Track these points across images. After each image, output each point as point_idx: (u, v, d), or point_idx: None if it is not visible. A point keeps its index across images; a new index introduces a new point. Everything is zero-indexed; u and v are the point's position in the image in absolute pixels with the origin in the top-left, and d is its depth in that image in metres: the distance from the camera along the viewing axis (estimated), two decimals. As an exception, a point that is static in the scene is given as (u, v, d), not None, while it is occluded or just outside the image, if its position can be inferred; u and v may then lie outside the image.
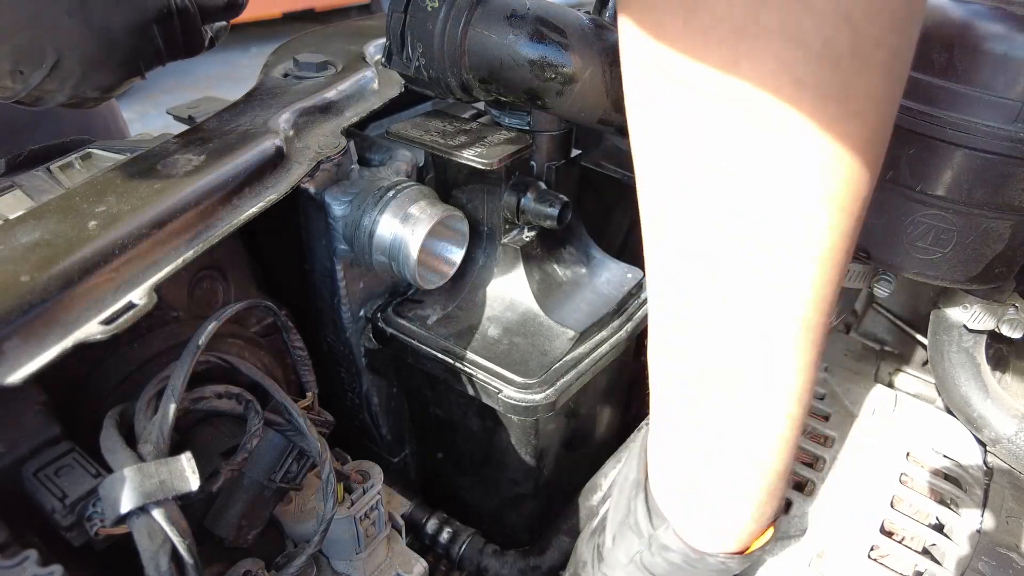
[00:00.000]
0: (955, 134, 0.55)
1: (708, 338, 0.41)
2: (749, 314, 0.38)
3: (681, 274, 0.40)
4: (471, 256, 0.70)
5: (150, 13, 0.55)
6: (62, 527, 0.38)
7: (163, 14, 0.56)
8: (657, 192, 0.39)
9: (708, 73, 0.33)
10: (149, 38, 0.56)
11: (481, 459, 0.76)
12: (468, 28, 0.55)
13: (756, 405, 0.42)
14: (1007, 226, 0.58)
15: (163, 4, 0.56)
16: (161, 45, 0.57)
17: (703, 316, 0.40)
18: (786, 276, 0.37)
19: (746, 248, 0.36)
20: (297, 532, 0.56)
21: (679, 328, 0.43)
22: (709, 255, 0.38)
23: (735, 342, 0.40)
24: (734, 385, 0.42)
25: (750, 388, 0.41)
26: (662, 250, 0.41)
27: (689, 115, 0.35)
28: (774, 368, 0.40)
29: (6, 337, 0.37)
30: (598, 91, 0.56)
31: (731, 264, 0.37)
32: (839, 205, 0.35)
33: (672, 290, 0.41)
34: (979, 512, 0.63)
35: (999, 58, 0.53)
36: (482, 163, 0.61)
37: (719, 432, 0.44)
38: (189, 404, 0.45)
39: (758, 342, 0.39)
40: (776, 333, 0.39)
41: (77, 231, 0.44)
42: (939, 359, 0.72)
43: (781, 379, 0.41)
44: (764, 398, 0.42)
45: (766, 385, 0.41)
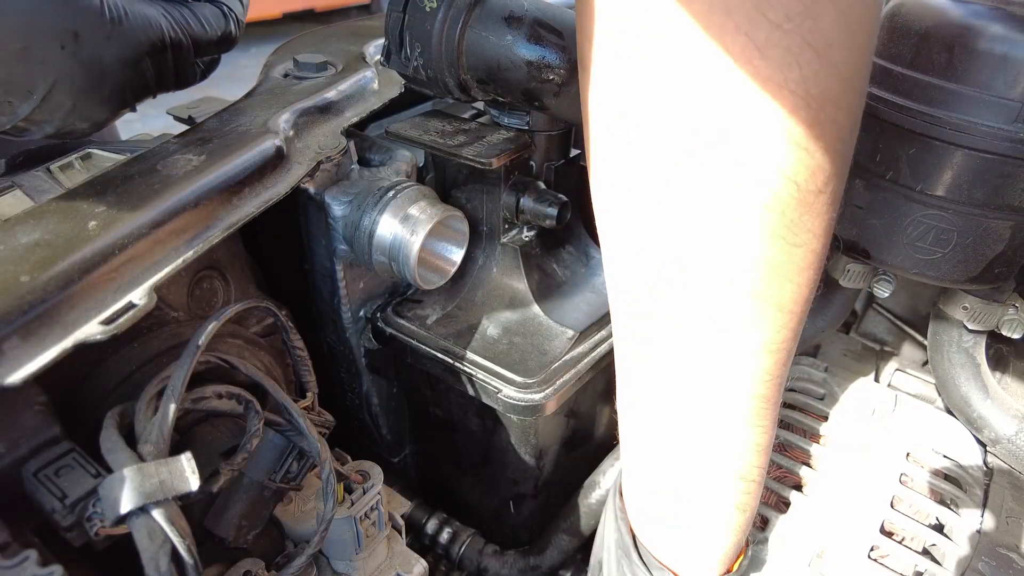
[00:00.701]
0: (955, 134, 0.55)
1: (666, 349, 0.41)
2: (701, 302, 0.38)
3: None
4: (470, 256, 0.70)
5: (143, 47, 0.54)
6: (62, 527, 0.38)
7: (156, 47, 0.55)
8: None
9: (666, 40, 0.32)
10: (141, 71, 0.55)
11: (481, 459, 0.76)
12: (466, 29, 0.55)
13: (720, 418, 0.42)
14: (1007, 226, 0.58)
15: (156, 37, 0.55)
16: (152, 78, 0.56)
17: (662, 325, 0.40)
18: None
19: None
20: (297, 532, 0.56)
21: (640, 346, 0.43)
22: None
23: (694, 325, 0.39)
24: (694, 381, 0.41)
25: (710, 390, 0.41)
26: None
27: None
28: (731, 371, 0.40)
29: (6, 337, 0.37)
30: (598, 91, 0.56)
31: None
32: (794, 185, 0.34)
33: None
34: (979, 512, 0.63)
35: (999, 58, 0.53)
36: (481, 163, 0.61)
37: (691, 444, 0.44)
38: (189, 404, 0.45)
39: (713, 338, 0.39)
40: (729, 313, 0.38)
41: (77, 231, 0.44)
42: (939, 359, 0.72)
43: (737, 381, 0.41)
44: (725, 406, 0.41)
45: (723, 395, 0.41)
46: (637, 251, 0.39)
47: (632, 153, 0.36)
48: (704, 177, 0.33)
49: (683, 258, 0.36)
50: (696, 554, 0.50)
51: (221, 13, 0.62)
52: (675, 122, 0.33)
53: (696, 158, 0.33)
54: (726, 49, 0.30)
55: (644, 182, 0.36)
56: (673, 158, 0.34)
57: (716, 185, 0.33)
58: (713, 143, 0.32)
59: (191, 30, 0.59)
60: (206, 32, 0.60)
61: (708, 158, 0.33)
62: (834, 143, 0.33)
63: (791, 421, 0.71)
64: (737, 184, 0.33)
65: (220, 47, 0.63)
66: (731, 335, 0.38)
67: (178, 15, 0.58)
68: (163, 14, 0.56)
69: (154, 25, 0.55)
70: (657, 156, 0.34)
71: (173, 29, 0.57)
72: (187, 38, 0.58)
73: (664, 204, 0.36)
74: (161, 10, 0.57)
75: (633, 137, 0.35)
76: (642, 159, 0.35)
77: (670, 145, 0.34)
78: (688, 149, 0.33)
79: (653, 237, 0.37)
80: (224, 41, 0.63)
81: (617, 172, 0.37)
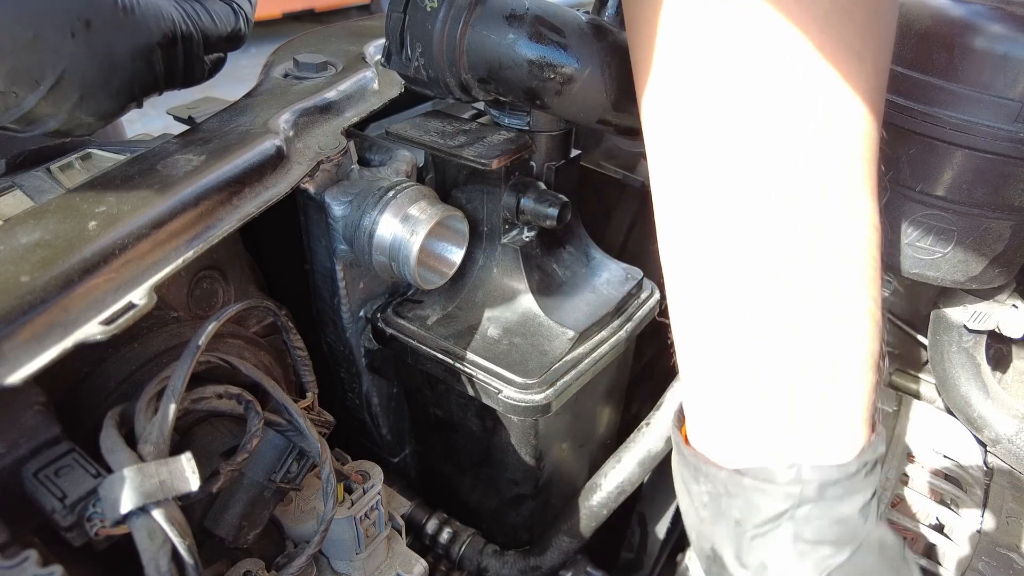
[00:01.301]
0: (955, 134, 0.55)
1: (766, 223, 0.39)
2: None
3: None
4: (471, 256, 0.70)
5: (155, 37, 0.53)
6: (62, 527, 0.38)
7: (168, 39, 0.55)
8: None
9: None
10: (151, 63, 0.54)
11: (481, 459, 0.76)
12: (467, 28, 0.55)
13: (834, 242, 0.39)
14: (1007, 226, 0.59)
15: (168, 29, 0.54)
16: (161, 72, 0.56)
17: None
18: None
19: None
20: (297, 532, 0.56)
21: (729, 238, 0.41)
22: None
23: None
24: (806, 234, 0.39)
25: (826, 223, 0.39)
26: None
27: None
28: (848, 188, 0.39)
29: (6, 337, 0.37)
30: (597, 91, 0.56)
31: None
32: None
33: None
34: (979, 512, 0.63)
35: (999, 58, 0.53)
36: (481, 163, 0.61)
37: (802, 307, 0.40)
38: (189, 404, 0.45)
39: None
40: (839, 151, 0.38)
41: (77, 231, 0.44)
42: (939, 359, 0.72)
43: (855, 198, 0.39)
44: (840, 228, 0.39)
45: (843, 211, 0.39)
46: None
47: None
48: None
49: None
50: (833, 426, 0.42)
51: (232, 10, 0.62)
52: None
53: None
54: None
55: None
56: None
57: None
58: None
59: (202, 24, 0.58)
60: (216, 27, 0.60)
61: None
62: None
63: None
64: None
65: (230, 44, 0.63)
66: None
67: (190, 8, 0.57)
68: (175, 6, 0.56)
69: (166, 16, 0.54)
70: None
71: (184, 22, 0.56)
72: (198, 32, 0.58)
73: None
74: (173, 2, 0.56)
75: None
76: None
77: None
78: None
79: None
80: (233, 38, 0.62)
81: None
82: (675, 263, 0.45)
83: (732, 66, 0.38)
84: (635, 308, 0.74)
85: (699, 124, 0.40)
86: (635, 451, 0.74)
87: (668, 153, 0.42)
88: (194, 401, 0.46)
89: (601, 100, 0.57)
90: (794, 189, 0.39)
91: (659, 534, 0.86)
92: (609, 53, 0.56)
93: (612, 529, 0.83)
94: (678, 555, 0.81)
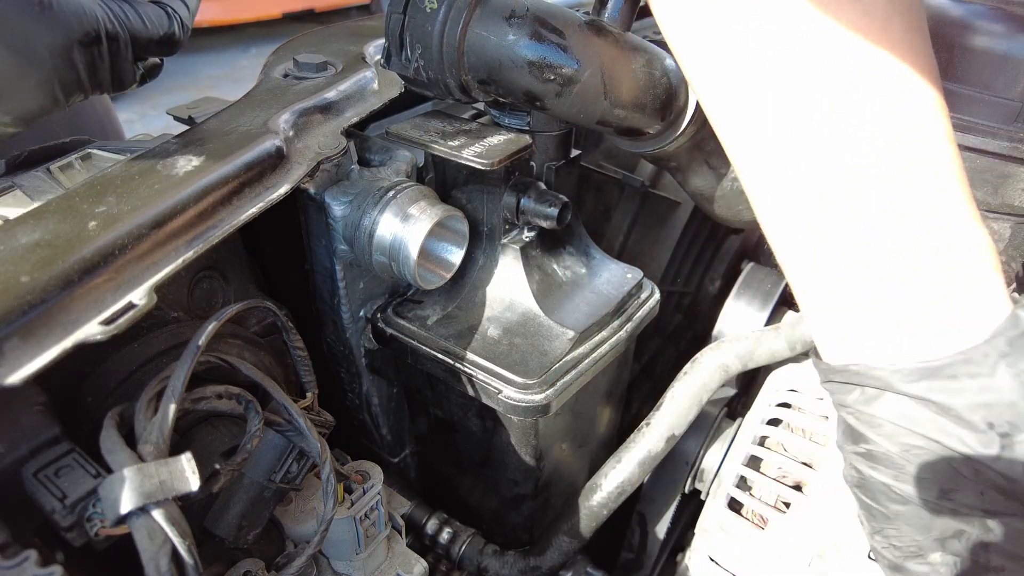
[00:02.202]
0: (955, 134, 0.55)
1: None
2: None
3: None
4: (471, 256, 0.70)
5: (75, 34, 0.51)
6: (62, 527, 0.38)
7: (90, 37, 0.52)
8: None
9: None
10: (71, 61, 0.52)
11: (481, 459, 0.76)
12: (467, 29, 0.55)
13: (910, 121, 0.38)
14: (1007, 226, 0.59)
15: (90, 27, 0.52)
16: (85, 71, 0.53)
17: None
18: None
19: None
20: (297, 532, 0.56)
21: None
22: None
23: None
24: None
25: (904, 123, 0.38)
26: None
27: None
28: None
29: (6, 337, 0.37)
30: (597, 92, 0.56)
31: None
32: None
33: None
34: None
35: (999, 58, 0.53)
36: (481, 163, 0.61)
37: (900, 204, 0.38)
38: (189, 404, 0.45)
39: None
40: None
41: (77, 231, 0.44)
42: (939, 359, 0.72)
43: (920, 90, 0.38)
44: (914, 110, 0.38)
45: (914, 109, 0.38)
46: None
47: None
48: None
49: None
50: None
51: (165, 14, 0.60)
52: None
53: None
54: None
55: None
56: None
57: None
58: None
59: (130, 25, 0.56)
60: (147, 30, 0.58)
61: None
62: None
63: (791, 422, 0.71)
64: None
65: (162, 48, 0.61)
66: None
67: (116, 8, 0.56)
68: (99, 4, 0.54)
69: (88, 13, 0.52)
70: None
71: (109, 21, 0.54)
72: (125, 33, 0.56)
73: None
74: (98, 1, 0.54)
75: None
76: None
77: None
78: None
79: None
80: (166, 42, 0.60)
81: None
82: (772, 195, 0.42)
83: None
84: (635, 308, 0.74)
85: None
86: (635, 451, 0.74)
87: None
88: (194, 401, 0.46)
89: (601, 101, 0.57)
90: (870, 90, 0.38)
91: (659, 534, 0.86)
92: (609, 54, 0.56)
93: (612, 529, 0.83)
94: (678, 555, 0.81)
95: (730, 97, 0.41)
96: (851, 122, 0.38)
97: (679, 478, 0.82)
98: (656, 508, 0.86)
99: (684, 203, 1.06)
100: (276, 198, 0.54)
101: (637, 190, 1.07)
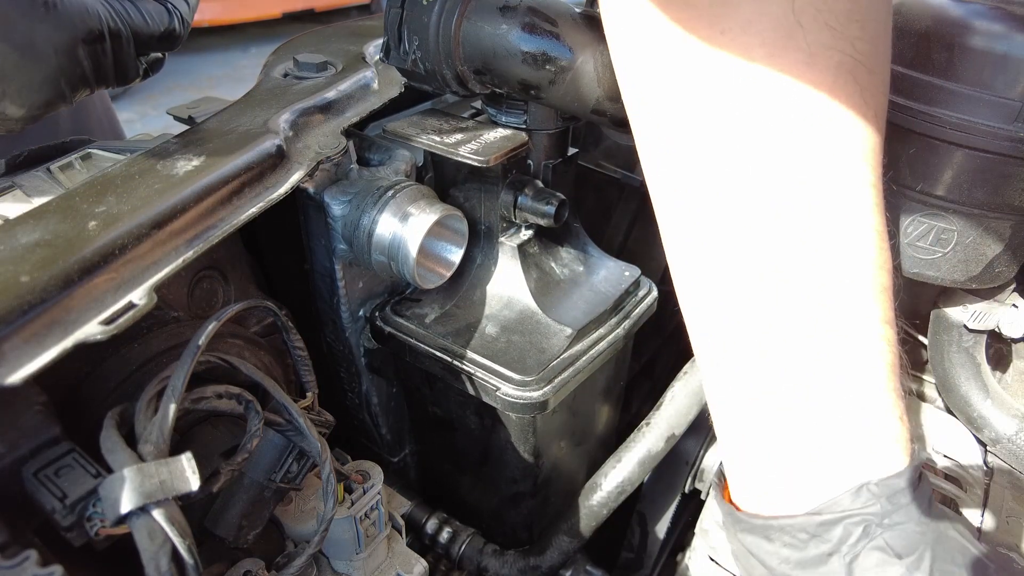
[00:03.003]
0: (955, 134, 0.55)
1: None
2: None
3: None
4: (469, 255, 0.70)
5: (79, 32, 0.53)
6: (62, 527, 0.38)
7: (93, 35, 0.54)
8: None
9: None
10: (76, 59, 0.53)
11: (480, 457, 0.76)
12: (462, 20, 0.55)
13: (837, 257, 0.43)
14: (1007, 226, 0.59)
15: (93, 25, 0.54)
16: (89, 68, 0.55)
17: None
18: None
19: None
20: (297, 532, 0.56)
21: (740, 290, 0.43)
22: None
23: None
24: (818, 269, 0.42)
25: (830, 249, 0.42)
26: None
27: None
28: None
29: (6, 337, 0.37)
30: (591, 80, 0.56)
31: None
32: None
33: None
34: (979, 512, 0.63)
35: (999, 58, 0.53)
36: (478, 160, 0.61)
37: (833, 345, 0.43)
38: (189, 404, 0.45)
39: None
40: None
41: (77, 231, 0.44)
42: (939, 359, 0.72)
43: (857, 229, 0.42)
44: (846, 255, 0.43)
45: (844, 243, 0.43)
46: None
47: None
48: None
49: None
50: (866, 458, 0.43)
51: (165, 10, 0.61)
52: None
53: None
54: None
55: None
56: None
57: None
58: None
59: (132, 22, 0.58)
60: (148, 26, 0.59)
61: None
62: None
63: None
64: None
65: (163, 44, 0.62)
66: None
67: (118, 6, 0.57)
68: (102, 2, 0.56)
69: (91, 12, 0.54)
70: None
71: (112, 19, 0.56)
72: (127, 29, 0.57)
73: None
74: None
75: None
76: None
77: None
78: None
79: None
80: (167, 38, 0.62)
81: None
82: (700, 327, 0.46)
83: (720, 79, 0.39)
84: (633, 306, 0.74)
85: (699, 145, 0.41)
86: (635, 451, 0.74)
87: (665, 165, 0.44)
88: (194, 401, 0.46)
89: (595, 90, 0.57)
90: (787, 202, 0.40)
91: (659, 534, 0.86)
92: (602, 43, 0.56)
93: (612, 529, 0.83)
94: (678, 555, 0.81)
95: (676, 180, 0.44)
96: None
97: (679, 478, 0.82)
98: (656, 508, 0.86)
99: (684, 202, 1.06)
100: (276, 198, 0.54)
101: (636, 189, 1.07)
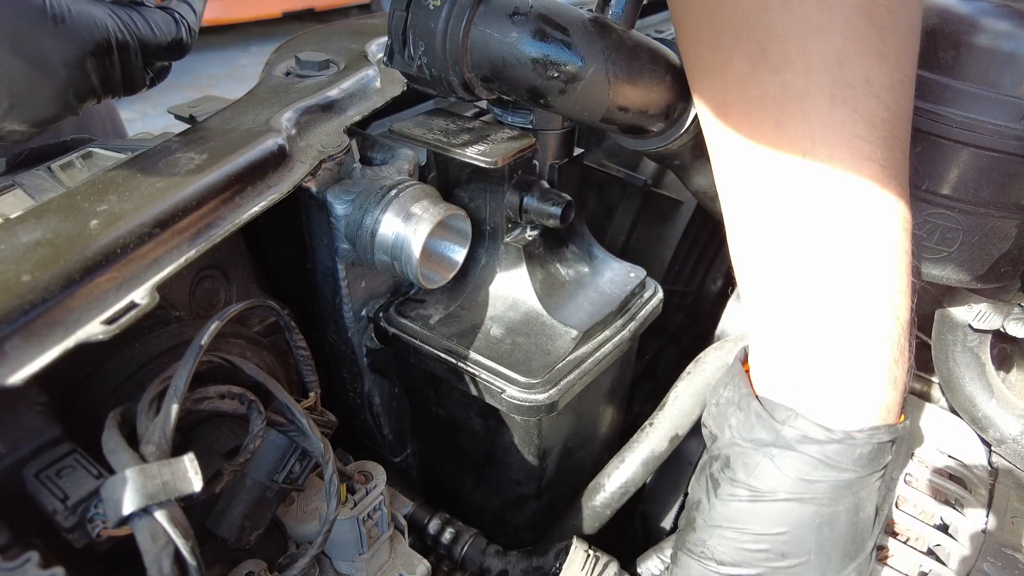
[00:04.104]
0: (961, 132, 0.55)
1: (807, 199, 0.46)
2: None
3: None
4: (473, 255, 0.70)
5: (87, 46, 0.53)
6: (64, 529, 0.38)
7: (101, 48, 0.54)
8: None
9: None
10: (85, 71, 0.54)
11: (484, 459, 0.76)
12: (470, 26, 0.55)
13: (866, 227, 0.45)
14: (1013, 225, 0.58)
15: (102, 37, 0.54)
16: (97, 80, 0.55)
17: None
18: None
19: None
20: (300, 533, 0.56)
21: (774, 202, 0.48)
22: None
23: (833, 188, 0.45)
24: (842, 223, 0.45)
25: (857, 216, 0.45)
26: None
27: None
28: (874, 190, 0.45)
29: (7, 337, 0.37)
30: (601, 89, 0.56)
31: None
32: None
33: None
34: (984, 512, 0.63)
35: (1006, 56, 0.53)
36: (485, 162, 0.60)
37: (839, 282, 0.46)
38: (191, 404, 0.45)
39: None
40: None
41: (79, 230, 0.43)
42: (944, 359, 0.72)
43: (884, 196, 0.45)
44: (872, 219, 0.45)
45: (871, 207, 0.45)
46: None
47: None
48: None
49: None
50: (852, 394, 0.46)
51: (172, 20, 0.62)
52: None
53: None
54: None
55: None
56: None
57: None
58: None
59: (139, 33, 0.58)
60: (155, 36, 0.60)
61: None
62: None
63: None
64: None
65: (170, 53, 0.62)
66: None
67: (126, 17, 0.57)
68: (109, 14, 0.56)
69: (99, 25, 0.54)
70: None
71: (120, 30, 0.56)
72: (134, 41, 0.58)
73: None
74: (107, 11, 0.56)
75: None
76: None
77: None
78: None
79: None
80: (174, 47, 0.62)
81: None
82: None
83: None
84: (638, 307, 0.73)
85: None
86: (639, 451, 0.74)
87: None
88: (196, 401, 0.45)
89: (605, 98, 0.57)
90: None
91: (662, 534, 0.86)
92: (613, 51, 0.55)
93: (615, 529, 0.83)
94: (681, 555, 0.81)
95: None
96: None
97: (682, 478, 0.82)
98: (659, 508, 0.86)
99: (686, 202, 1.06)
100: (278, 197, 0.54)
101: (639, 189, 1.06)
